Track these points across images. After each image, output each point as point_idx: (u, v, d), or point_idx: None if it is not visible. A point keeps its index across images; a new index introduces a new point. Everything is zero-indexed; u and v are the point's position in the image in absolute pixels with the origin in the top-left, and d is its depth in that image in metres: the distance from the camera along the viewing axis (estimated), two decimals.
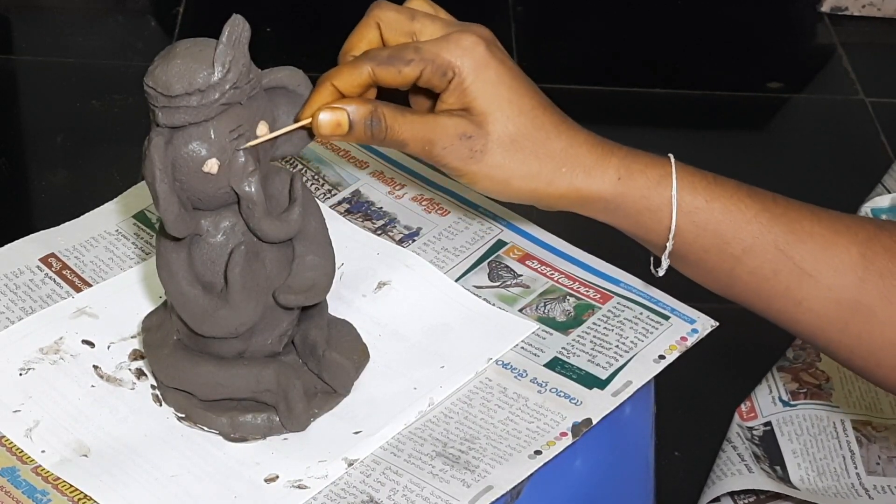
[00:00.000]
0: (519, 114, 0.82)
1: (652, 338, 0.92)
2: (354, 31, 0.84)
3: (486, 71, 0.81)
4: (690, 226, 0.83)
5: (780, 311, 0.85)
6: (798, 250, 0.83)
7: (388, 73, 0.81)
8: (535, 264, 0.98)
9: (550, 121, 0.83)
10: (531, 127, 0.82)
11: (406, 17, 0.83)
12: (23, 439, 0.84)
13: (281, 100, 0.84)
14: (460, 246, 0.99)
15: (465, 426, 0.86)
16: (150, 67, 0.80)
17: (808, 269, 0.82)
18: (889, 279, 0.82)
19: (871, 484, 1.19)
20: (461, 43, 0.81)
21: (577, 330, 0.93)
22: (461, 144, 0.81)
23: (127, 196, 1.03)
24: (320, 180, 1.05)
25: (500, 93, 0.81)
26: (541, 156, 0.82)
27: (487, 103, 0.81)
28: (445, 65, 0.81)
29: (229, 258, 0.82)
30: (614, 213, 0.84)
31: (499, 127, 0.81)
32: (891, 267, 0.82)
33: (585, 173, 0.83)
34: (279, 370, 0.85)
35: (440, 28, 0.83)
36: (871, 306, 0.82)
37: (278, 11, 1.65)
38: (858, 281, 0.82)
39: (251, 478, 0.82)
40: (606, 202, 0.83)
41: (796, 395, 1.27)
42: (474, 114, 0.81)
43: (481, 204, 1.03)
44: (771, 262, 0.83)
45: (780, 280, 0.83)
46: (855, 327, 0.83)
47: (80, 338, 0.91)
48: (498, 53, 0.82)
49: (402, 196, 1.04)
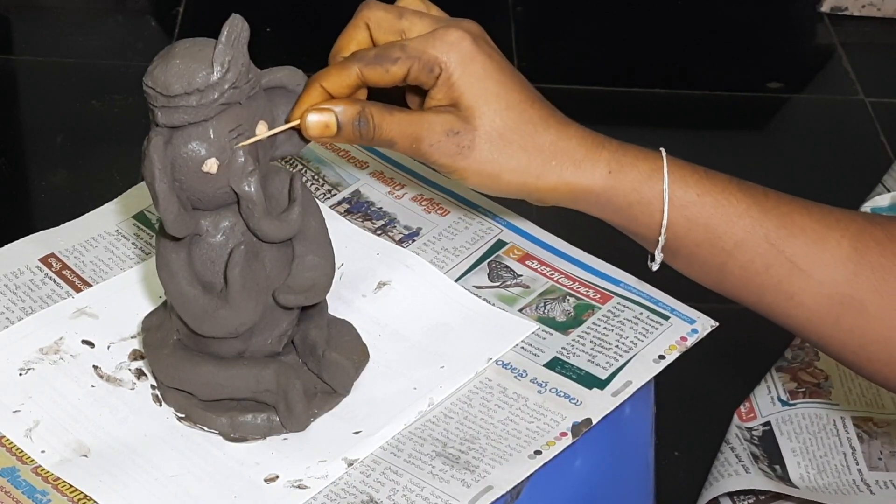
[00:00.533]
0: (506, 108, 0.81)
1: (652, 338, 0.92)
2: (344, 32, 0.84)
3: (472, 65, 0.81)
4: (682, 220, 0.83)
5: (771, 305, 0.85)
6: (789, 244, 0.82)
7: (376, 73, 0.81)
8: (534, 264, 0.98)
9: (539, 114, 0.83)
10: (519, 120, 0.82)
11: (394, 15, 0.83)
12: (23, 439, 0.84)
13: (280, 99, 0.84)
14: (460, 246, 0.99)
15: (465, 426, 0.86)
16: (149, 67, 0.80)
17: (800, 264, 0.82)
18: (881, 273, 0.82)
19: (874, 479, 1.19)
20: (447, 38, 0.81)
21: (577, 330, 0.93)
22: (448, 141, 0.81)
23: (127, 196, 1.03)
24: (320, 180, 1.05)
25: (486, 87, 0.81)
26: (529, 149, 0.82)
27: (474, 98, 0.81)
28: (432, 61, 0.81)
29: (229, 258, 0.82)
30: (605, 207, 0.84)
31: (486, 121, 0.81)
32: (882, 261, 0.82)
33: (575, 167, 0.83)
34: (279, 370, 0.85)
35: (428, 24, 0.83)
36: (863, 301, 0.82)
37: (278, 11, 1.65)
38: (850, 275, 0.82)
39: (251, 478, 0.82)
40: (597, 196, 0.83)
41: (795, 394, 1.27)
42: (462, 109, 0.81)
43: (481, 204, 1.03)
44: (762, 256, 0.83)
45: (771, 274, 0.83)
46: (846, 321, 0.83)
47: (80, 338, 0.91)
48: (485, 47, 0.82)
49: (401, 196, 1.04)
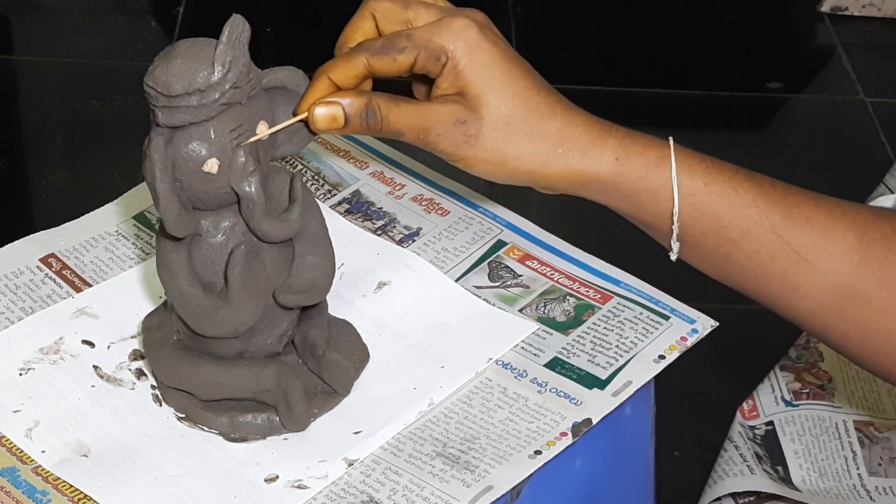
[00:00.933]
0: (513, 95, 0.81)
1: (652, 338, 0.92)
2: (350, 23, 0.84)
3: (478, 53, 0.81)
4: (689, 208, 0.83)
5: (776, 295, 0.85)
6: (795, 235, 0.82)
7: (383, 63, 0.81)
8: (535, 264, 0.98)
9: (545, 101, 0.82)
10: (525, 108, 0.82)
11: (400, 5, 0.83)
12: (23, 439, 0.84)
13: (281, 99, 0.84)
14: (460, 246, 0.99)
15: (465, 426, 0.86)
16: (149, 67, 0.80)
17: (805, 255, 0.82)
18: (886, 266, 0.82)
19: (873, 485, 1.18)
20: (452, 27, 0.81)
21: (577, 330, 0.93)
22: (455, 130, 0.81)
23: (127, 197, 1.03)
24: (320, 180, 1.05)
25: (493, 75, 0.81)
26: (535, 137, 0.82)
27: (481, 86, 0.81)
28: (438, 49, 0.81)
29: (229, 258, 0.82)
30: (611, 194, 0.84)
31: (492, 110, 0.81)
32: (888, 254, 0.82)
33: (582, 153, 0.82)
34: (279, 370, 0.85)
35: (434, 14, 0.82)
36: (868, 293, 0.82)
37: (278, 11, 1.65)
38: (855, 267, 0.82)
39: (251, 478, 0.82)
40: (604, 183, 0.83)
41: (799, 394, 1.26)
42: (468, 97, 0.81)
43: (481, 204, 1.03)
44: (768, 246, 0.83)
45: (777, 265, 0.83)
46: (851, 313, 0.83)
47: (80, 338, 0.91)
48: (491, 35, 0.82)
49: (402, 196, 1.04)
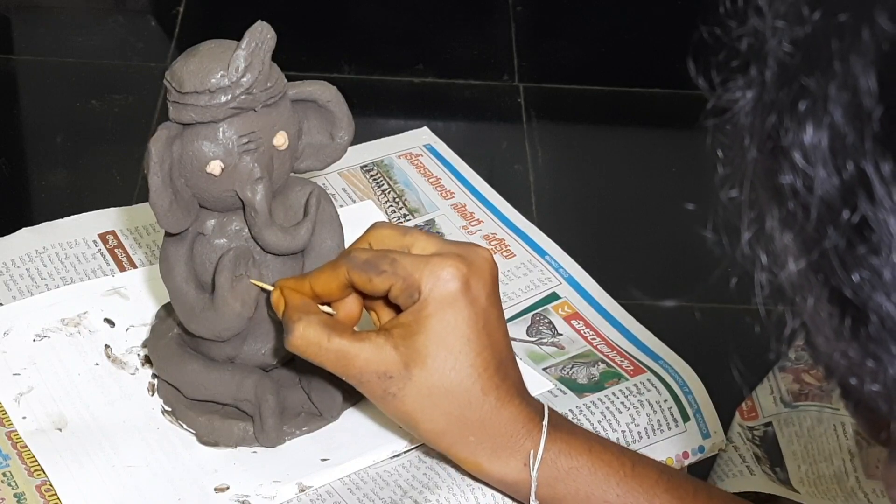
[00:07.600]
0: (452, 369, 0.75)
1: (659, 438, 0.87)
2: (352, 244, 0.81)
3: (448, 311, 0.75)
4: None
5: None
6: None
7: (360, 280, 0.77)
8: (579, 325, 0.94)
9: (481, 387, 0.76)
10: (457, 387, 0.75)
11: (399, 232, 0.79)
12: (10, 402, 0.86)
13: (311, 113, 0.83)
14: (512, 292, 0.96)
15: (432, 473, 0.82)
16: (173, 62, 0.81)
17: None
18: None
19: (871, 488, 1.11)
20: (438, 272, 0.75)
21: (593, 396, 0.88)
22: (378, 383, 0.76)
23: None
24: (400, 202, 1.04)
25: (447, 340, 0.75)
26: (452, 419, 0.76)
27: (429, 345, 0.75)
28: (414, 286, 0.75)
29: (218, 262, 0.81)
30: (512, 492, 0.79)
31: (424, 376, 0.75)
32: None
33: (492, 452, 0.77)
34: (259, 382, 0.84)
35: (433, 245, 0.78)
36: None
37: (278, 11, 1.62)
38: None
39: (203, 485, 0.81)
40: (506, 485, 0.79)
41: (798, 396, 1.18)
42: (411, 347, 0.75)
43: (549, 252, 0.99)
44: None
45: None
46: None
47: (104, 315, 0.92)
48: (471, 293, 0.75)
49: (474, 233, 1.01)
